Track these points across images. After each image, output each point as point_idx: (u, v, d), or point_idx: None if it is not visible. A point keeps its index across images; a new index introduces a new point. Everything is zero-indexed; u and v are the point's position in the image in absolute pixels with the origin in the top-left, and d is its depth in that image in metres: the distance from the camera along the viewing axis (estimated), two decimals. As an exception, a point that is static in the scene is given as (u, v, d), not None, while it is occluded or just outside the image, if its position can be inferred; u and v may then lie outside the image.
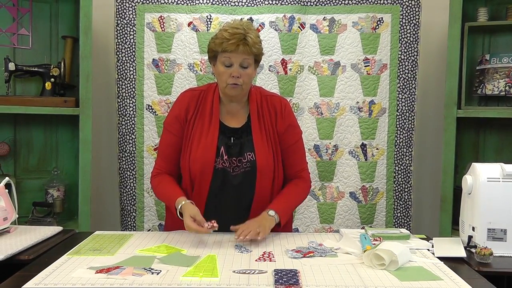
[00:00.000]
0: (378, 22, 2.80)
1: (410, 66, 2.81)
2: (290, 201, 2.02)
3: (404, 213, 2.86)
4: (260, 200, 1.96)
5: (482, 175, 1.82)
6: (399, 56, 2.81)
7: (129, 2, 2.80)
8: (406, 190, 2.85)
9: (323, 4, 2.82)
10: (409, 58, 2.81)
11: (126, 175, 2.86)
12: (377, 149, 2.84)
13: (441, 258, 1.67)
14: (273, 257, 1.63)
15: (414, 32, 2.79)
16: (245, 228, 1.79)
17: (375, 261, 1.54)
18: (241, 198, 1.97)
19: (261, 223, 1.84)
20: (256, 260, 1.60)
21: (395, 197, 2.85)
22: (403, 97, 2.82)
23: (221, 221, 1.89)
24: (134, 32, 2.82)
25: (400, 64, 2.81)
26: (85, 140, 2.69)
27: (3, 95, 2.73)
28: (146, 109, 2.84)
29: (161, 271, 1.47)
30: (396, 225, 2.86)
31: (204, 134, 1.95)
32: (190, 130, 1.98)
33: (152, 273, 1.45)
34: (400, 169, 2.84)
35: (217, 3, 2.81)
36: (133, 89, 2.84)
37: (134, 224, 2.87)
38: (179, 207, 1.83)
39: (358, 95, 2.83)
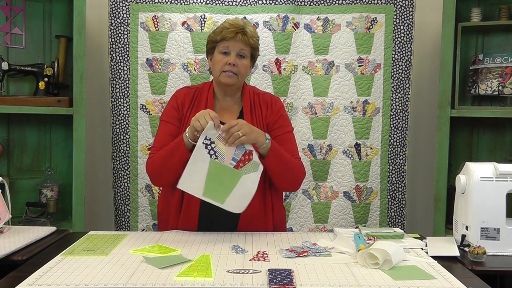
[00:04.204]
0: (372, 22, 2.81)
1: (404, 66, 2.82)
2: (284, 153, 1.96)
3: (398, 213, 2.87)
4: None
5: (476, 175, 1.83)
6: (393, 56, 2.82)
7: (123, 2, 2.80)
8: (400, 189, 2.86)
9: (317, 4, 2.82)
10: (403, 58, 2.81)
11: (120, 175, 2.85)
12: (371, 148, 2.85)
13: (434, 257, 1.67)
14: (267, 256, 1.63)
15: (407, 32, 2.80)
16: (235, 125, 1.79)
17: (369, 260, 1.55)
18: None
19: (251, 128, 1.83)
20: (250, 260, 1.60)
21: (389, 197, 2.86)
22: (397, 97, 2.83)
23: (215, 219, 1.89)
24: (128, 31, 2.82)
25: (394, 64, 2.82)
26: (79, 140, 2.69)
27: (-4, 95, 2.72)
28: (140, 108, 2.84)
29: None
30: (390, 225, 2.87)
31: None
32: (186, 125, 1.98)
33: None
34: (394, 168, 2.85)
35: (211, 2, 2.81)
36: (127, 89, 2.83)
37: (128, 224, 2.87)
38: (187, 130, 1.84)
39: (352, 94, 2.83)
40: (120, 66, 2.82)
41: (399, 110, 2.83)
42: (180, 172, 1.87)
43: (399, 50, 2.82)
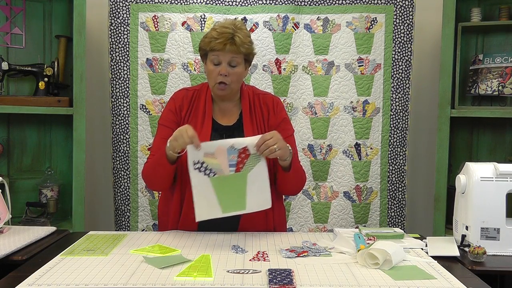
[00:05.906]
0: (372, 22, 2.81)
1: (404, 66, 2.82)
2: (298, 163, 2.02)
3: (398, 213, 2.87)
4: None
5: (476, 175, 1.83)
6: (393, 56, 2.82)
7: (123, 2, 2.80)
8: (400, 189, 2.86)
9: (317, 4, 2.82)
10: (403, 58, 2.81)
11: (120, 175, 2.85)
12: (371, 148, 2.85)
13: (434, 257, 1.67)
14: (267, 256, 1.63)
15: (407, 32, 2.80)
16: (267, 140, 1.78)
17: (369, 260, 1.55)
18: None
19: (284, 142, 1.83)
20: (250, 260, 1.60)
21: (389, 197, 2.86)
22: (397, 97, 2.83)
23: (215, 220, 1.89)
24: (128, 31, 2.82)
25: (394, 64, 2.82)
26: (79, 140, 2.69)
27: (-4, 95, 2.72)
28: (140, 108, 2.84)
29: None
30: (390, 225, 2.87)
31: (197, 132, 1.95)
32: None
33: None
34: (394, 168, 2.85)
35: (211, 2, 2.81)
36: (127, 89, 2.83)
37: (128, 224, 2.87)
38: (168, 145, 1.81)
39: (352, 94, 2.83)
40: (120, 66, 2.82)
41: (399, 110, 2.83)
42: (170, 180, 1.93)
43: (399, 50, 2.81)
